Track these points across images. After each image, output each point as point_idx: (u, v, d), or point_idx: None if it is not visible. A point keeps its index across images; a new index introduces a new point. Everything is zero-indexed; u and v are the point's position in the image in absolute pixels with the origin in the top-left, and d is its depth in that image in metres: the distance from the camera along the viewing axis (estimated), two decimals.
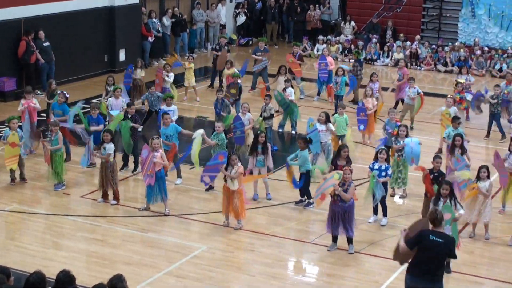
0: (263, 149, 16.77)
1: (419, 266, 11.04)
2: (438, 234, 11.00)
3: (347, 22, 35.67)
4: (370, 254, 14.54)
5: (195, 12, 33.67)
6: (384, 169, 15.61)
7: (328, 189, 14.41)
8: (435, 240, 10.90)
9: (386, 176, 15.59)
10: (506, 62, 31.43)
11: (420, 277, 11.07)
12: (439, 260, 11.05)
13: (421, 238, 10.98)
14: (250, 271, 13.81)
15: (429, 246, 10.89)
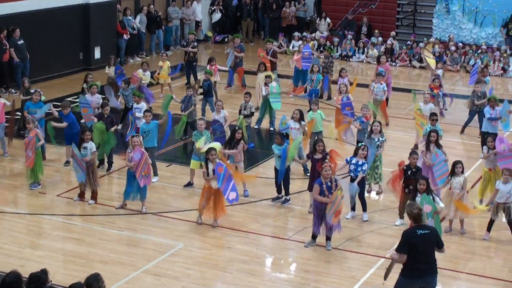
0: (236, 144, 16.79)
1: (416, 265, 11.09)
2: (422, 227, 11.21)
3: (323, 19, 35.72)
4: (347, 250, 14.59)
5: (170, 9, 33.60)
6: (360, 164, 15.66)
7: (340, 205, 14.32)
8: (423, 232, 11.08)
9: (360, 172, 15.65)
10: (480, 58, 31.62)
11: (420, 276, 11.17)
12: (432, 251, 11.20)
13: (409, 237, 11.10)
14: (228, 268, 13.81)
15: (420, 241, 11.03)
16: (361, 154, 15.71)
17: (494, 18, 33.26)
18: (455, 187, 15.18)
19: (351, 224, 15.75)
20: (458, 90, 27.31)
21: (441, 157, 16.18)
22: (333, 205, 14.13)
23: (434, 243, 11.20)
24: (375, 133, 17.16)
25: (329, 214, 14.22)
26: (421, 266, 11.09)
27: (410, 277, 11.17)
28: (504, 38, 32.79)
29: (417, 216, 11.22)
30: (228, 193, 15.14)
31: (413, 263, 11.05)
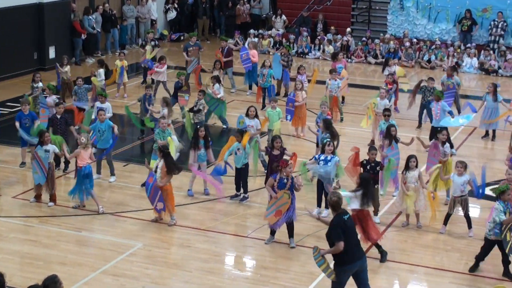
0: (204, 143, 16.76)
1: (352, 250, 11.43)
2: (345, 212, 11.65)
3: (278, 16, 35.80)
4: (306, 246, 14.63)
5: (125, 8, 33.42)
6: (329, 159, 15.73)
7: (283, 206, 14.34)
8: (348, 217, 11.58)
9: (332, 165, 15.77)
10: (434, 54, 31.94)
11: (358, 258, 11.52)
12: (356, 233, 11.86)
13: (342, 225, 11.44)
14: (187, 267, 13.79)
15: (348, 225, 11.50)
16: (327, 150, 15.78)
17: (447, 14, 33.58)
18: (410, 181, 15.30)
19: (310, 220, 15.79)
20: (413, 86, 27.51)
21: (396, 150, 16.54)
22: (275, 203, 14.27)
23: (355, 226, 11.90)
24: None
25: (269, 210, 14.39)
26: (355, 249, 11.50)
27: (349, 263, 11.47)
28: (458, 33, 33.13)
29: (335, 204, 11.61)
30: (156, 203, 15.35)
31: (348, 250, 11.35)
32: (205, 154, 16.80)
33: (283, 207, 14.23)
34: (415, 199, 15.31)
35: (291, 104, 20.83)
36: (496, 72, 30.58)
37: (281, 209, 14.25)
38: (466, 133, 22.07)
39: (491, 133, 21.70)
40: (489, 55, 31.36)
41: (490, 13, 32.96)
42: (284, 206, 14.23)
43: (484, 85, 27.27)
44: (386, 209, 16.40)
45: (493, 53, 31.69)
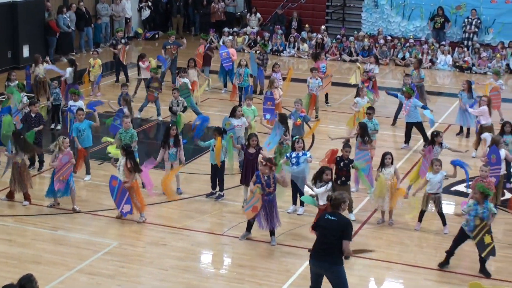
0: (175, 142, 16.73)
1: (319, 248, 11.47)
2: (333, 214, 11.55)
3: (253, 14, 35.82)
4: (282, 244, 14.66)
5: (99, 6, 33.29)
6: (301, 156, 15.77)
7: (258, 203, 14.35)
8: (329, 218, 11.46)
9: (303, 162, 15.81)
10: (408, 51, 32.09)
11: (317, 258, 11.49)
12: (332, 239, 11.34)
13: (320, 219, 11.74)
14: (163, 265, 13.77)
15: (324, 224, 11.48)
16: (297, 148, 15.81)
17: (421, 11, 33.76)
18: (385, 178, 15.36)
19: (285, 218, 15.84)
20: (388, 83, 27.63)
21: (364, 147, 16.78)
22: (252, 198, 14.34)
23: (337, 232, 11.35)
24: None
25: (247, 204, 14.52)
26: (319, 250, 11.47)
27: (312, 257, 11.59)
28: (431, 31, 33.31)
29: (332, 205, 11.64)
30: (122, 206, 15.32)
31: (316, 245, 11.54)
32: (176, 153, 16.77)
33: (258, 203, 14.24)
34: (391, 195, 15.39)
35: (270, 102, 20.77)
36: (470, 69, 30.77)
37: (256, 205, 14.26)
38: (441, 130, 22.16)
39: (465, 130, 21.84)
40: (463, 52, 31.55)
41: (464, 11, 33.17)
42: (258, 203, 14.24)
43: (458, 82, 27.46)
44: (360, 207, 16.46)
45: (467, 50, 31.89)
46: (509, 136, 17.36)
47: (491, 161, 16.03)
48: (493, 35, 32.90)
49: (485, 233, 13.30)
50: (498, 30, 32.74)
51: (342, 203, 11.63)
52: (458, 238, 13.70)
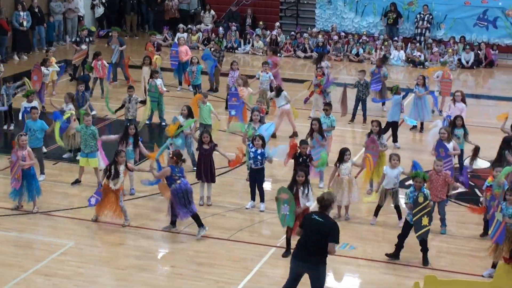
0: (134, 140, 16.66)
1: (302, 247, 11.43)
2: (320, 214, 11.53)
3: (207, 11, 35.77)
4: (239, 240, 14.68)
5: (53, 4, 32.99)
6: (259, 153, 15.82)
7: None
8: (316, 219, 11.41)
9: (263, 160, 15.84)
10: (362, 47, 32.29)
11: (299, 259, 11.45)
12: (319, 241, 11.35)
13: (306, 217, 11.64)
14: (120, 264, 13.70)
15: (309, 225, 11.42)
16: (256, 145, 15.87)
17: (374, 7, 33.99)
18: (343, 174, 15.48)
19: (242, 215, 15.87)
20: (342, 79, 27.75)
21: (320, 143, 16.88)
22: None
23: (324, 234, 11.35)
24: (255, 122, 17.40)
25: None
26: (302, 249, 11.43)
27: (295, 257, 11.55)
28: (384, 26, 33.56)
29: (326, 203, 11.59)
30: (94, 194, 15.25)
31: (301, 245, 11.45)
32: (133, 151, 16.71)
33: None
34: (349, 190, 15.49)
35: (235, 99, 20.69)
36: (423, 64, 31.06)
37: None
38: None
39: (419, 124, 22.04)
40: (416, 47, 31.85)
41: (416, 6, 33.48)
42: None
43: (411, 78, 27.72)
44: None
45: (420, 45, 32.19)
46: (460, 130, 17.54)
47: (440, 154, 16.23)
48: (444, 31, 33.26)
49: (424, 214, 13.48)
50: (450, 26, 33.11)
51: (332, 203, 11.73)
52: (404, 230, 13.88)
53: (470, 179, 16.90)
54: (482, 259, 13.93)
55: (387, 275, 13.53)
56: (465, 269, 13.69)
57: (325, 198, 11.60)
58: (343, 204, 15.70)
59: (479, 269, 13.65)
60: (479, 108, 23.64)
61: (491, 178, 14.55)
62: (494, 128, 19.96)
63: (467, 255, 14.30)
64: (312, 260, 11.41)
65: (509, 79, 30.50)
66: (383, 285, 13.19)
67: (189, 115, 18.10)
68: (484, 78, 30.78)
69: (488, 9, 32.79)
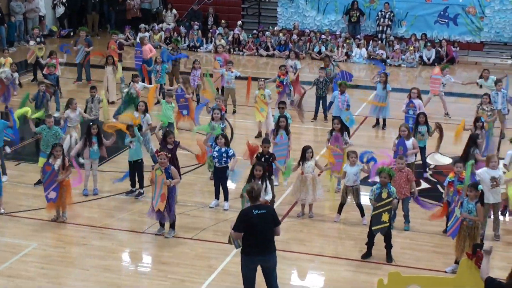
0: (98, 140, 16.57)
1: (255, 244, 11.40)
2: (259, 207, 11.51)
3: (169, 10, 35.69)
4: (203, 239, 14.67)
5: (13, 3, 32.72)
6: (224, 151, 15.82)
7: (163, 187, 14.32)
8: (259, 212, 11.40)
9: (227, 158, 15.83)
10: (324, 45, 32.40)
11: (259, 253, 11.45)
12: (268, 229, 11.45)
13: (245, 217, 11.43)
14: (83, 265, 13.63)
15: (256, 220, 11.34)
16: (219, 143, 15.87)
17: (336, 5, 34.13)
18: (307, 172, 15.53)
19: (206, 213, 15.87)
20: (305, 77, 27.83)
21: (284, 141, 16.85)
22: (156, 188, 14.32)
23: (271, 222, 11.50)
24: (216, 120, 17.39)
25: (154, 199, 14.43)
26: (259, 244, 11.43)
27: (250, 255, 11.49)
28: (346, 24, 33.71)
29: (252, 198, 11.54)
30: (49, 191, 15.12)
31: (251, 242, 11.40)
32: (98, 150, 16.64)
33: (164, 188, 14.26)
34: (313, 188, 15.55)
35: (182, 99, 20.74)
36: (384, 62, 31.24)
37: (164, 192, 14.28)
38: (357, 123, 22.48)
39: (381, 121, 22.18)
40: (377, 45, 32.04)
41: (377, 4, 33.67)
42: (164, 187, 14.27)
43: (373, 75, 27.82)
44: (281, 200, 16.57)
45: (381, 43, 32.38)
46: (423, 127, 17.67)
47: (398, 152, 16.36)
48: (406, 28, 33.49)
49: (385, 211, 13.59)
50: (411, 23, 33.34)
51: (260, 191, 11.76)
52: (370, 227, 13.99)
53: (433, 175, 17.05)
54: (445, 255, 14.06)
55: (351, 272, 13.60)
56: (428, 265, 13.80)
57: (255, 189, 11.57)
58: (308, 202, 15.75)
59: (442, 265, 13.77)
60: (441, 105, 23.74)
61: (452, 174, 14.71)
62: (455, 124, 20.12)
63: (430, 251, 14.42)
64: (269, 250, 11.52)
65: (470, 76, 30.72)
66: (347, 282, 13.25)
67: (146, 110, 18.10)
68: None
69: (448, 6, 33.07)
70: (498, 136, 20.47)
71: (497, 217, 14.87)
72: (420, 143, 17.40)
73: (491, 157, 14.64)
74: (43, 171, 15.24)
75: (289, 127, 17.54)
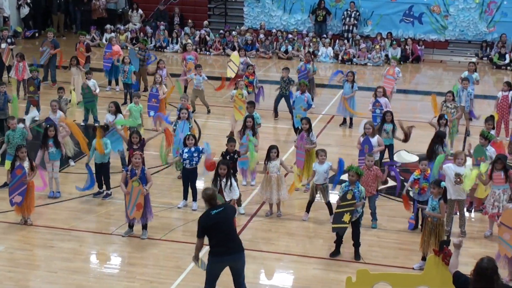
0: (54, 142, 16.46)
1: (221, 244, 11.37)
2: (216, 207, 11.51)
3: (134, 10, 35.58)
4: (171, 240, 14.64)
5: None
6: (194, 151, 15.81)
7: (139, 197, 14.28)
8: (217, 212, 11.40)
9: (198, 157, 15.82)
10: (291, 44, 32.47)
11: (227, 254, 11.42)
12: (230, 227, 11.51)
13: (204, 222, 11.41)
14: (51, 267, 13.54)
15: (217, 221, 11.33)
16: (188, 144, 15.85)
17: (302, 4, 34.24)
18: (272, 171, 15.55)
19: (175, 214, 15.83)
20: (272, 76, 27.89)
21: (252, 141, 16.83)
22: (131, 198, 14.29)
23: (231, 220, 11.57)
24: (182, 119, 17.45)
25: (129, 208, 14.39)
26: (225, 243, 11.39)
27: (218, 256, 11.44)
28: (313, 24, 33.81)
29: (209, 198, 11.54)
30: (15, 195, 14.99)
31: (217, 243, 11.36)
32: (58, 152, 16.52)
33: (140, 198, 14.20)
34: (278, 187, 15.57)
35: (154, 100, 20.72)
36: (351, 61, 31.38)
37: (139, 201, 14.23)
38: (325, 121, 22.57)
39: (348, 120, 22.27)
40: (344, 44, 32.17)
41: (343, 3, 33.83)
42: (140, 197, 14.20)
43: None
44: (249, 200, 16.58)
45: (348, 42, 32.52)
46: (389, 125, 17.76)
47: (364, 150, 16.45)
48: (371, 27, 33.68)
49: (347, 211, 13.64)
50: (376, 22, 33.54)
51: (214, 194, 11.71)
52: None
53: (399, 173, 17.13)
54: (412, 252, 14.14)
55: (319, 270, 13.63)
56: (396, 262, 13.88)
57: (208, 193, 11.56)
58: (273, 202, 15.78)
59: (410, 262, 13.85)
60: (407, 103, 23.93)
61: (418, 171, 14.82)
62: (421, 122, 20.29)
63: (398, 248, 14.50)
64: (236, 249, 11.49)
65: (435, 74, 31.05)
66: (316, 280, 13.28)
67: (117, 111, 18.05)
68: (411, 73, 31.26)
69: (413, 5, 33.32)
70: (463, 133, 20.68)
71: (463, 214, 14.99)
72: (386, 141, 17.49)
73: (459, 153, 14.76)
74: (13, 175, 15.09)
75: (256, 128, 17.56)
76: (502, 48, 31.70)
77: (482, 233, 15.17)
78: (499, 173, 14.59)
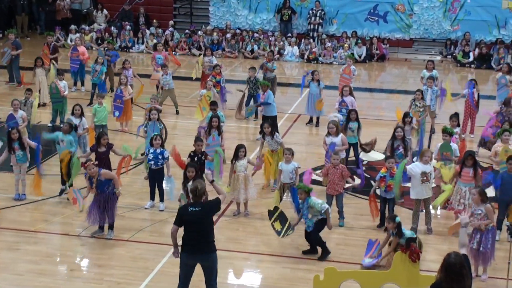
0: (20, 144, 16.31)
1: (191, 241, 11.37)
2: (195, 204, 11.49)
3: (99, 11, 35.41)
4: (138, 241, 14.59)
5: None
6: (159, 153, 15.77)
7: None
8: (194, 210, 11.38)
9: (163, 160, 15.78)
10: (256, 44, 32.51)
11: (195, 252, 11.41)
12: (205, 228, 11.44)
13: (181, 213, 11.47)
14: (17, 270, 13.43)
15: (190, 218, 11.34)
16: (155, 144, 15.81)
17: (267, 4, 34.29)
18: (239, 171, 15.56)
19: (141, 214, 15.78)
20: (238, 76, 27.91)
21: (217, 141, 16.98)
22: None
23: (206, 220, 11.49)
24: (152, 120, 17.49)
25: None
26: (195, 242, 11.39)
27: (186, 252, 11.46)
28: (278, 23, 33.88)
29: (192, 192, 11.59)
30: None
31: (188, 239, 11.40)
32: (24, 154, 16.37)
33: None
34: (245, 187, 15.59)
35: (119, 100, 20.68)
36: (316, 60, 31.48)
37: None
38: (291, 120, 22.62)
39: (315, 119, 22.33)
40: (309, 43, 32.26)
41: (308, 2, 33.93)
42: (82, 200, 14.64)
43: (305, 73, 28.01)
44: None
45: (313, 41, 32.62)
46: (355, 123, 17.84)
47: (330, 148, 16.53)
48: (337, 26, 33.81)
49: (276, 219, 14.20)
50: (342, 21, 33.69)
51: (205, 191, 11.72)
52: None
53: (365, 171, 17.23)
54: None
55: (287, 269, 13.65)
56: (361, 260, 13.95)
57: (198, 188, 11.55)
58: (241, 201, 15.79)
59: None
60: (372, 102, 24.06)
61: (384, 169, 14.92)
62: (387, 120, 20.40)
63: (365, 246, 14.54)
64: (206, 250, 11.46)
65: (400, 73, 31.26)
66: (283, 279, 13.30)
67: (82, 114, 17.96)
68: (376, 71, 31.43)
69: (378, 4, 33.51)
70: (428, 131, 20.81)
71: (429, 211, 15.10)
72: (351, 140, 17.58)
73: (425, 152, 14.86)
74: None
75: (221, 127, 17.57)
76: (466, 46, 32.00)
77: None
78: (468, 170, 14.71)
